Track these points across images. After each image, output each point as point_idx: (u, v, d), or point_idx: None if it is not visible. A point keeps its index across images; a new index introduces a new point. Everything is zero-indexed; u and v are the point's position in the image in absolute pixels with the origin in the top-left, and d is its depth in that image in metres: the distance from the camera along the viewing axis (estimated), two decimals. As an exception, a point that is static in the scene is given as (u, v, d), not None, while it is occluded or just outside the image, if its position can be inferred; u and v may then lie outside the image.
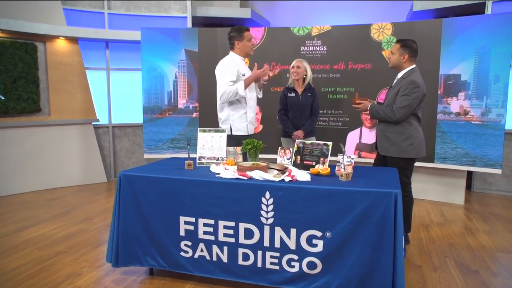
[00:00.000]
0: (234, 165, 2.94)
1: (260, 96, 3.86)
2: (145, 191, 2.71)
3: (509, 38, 4.18)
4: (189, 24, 6.03)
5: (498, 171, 4.33)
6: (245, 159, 3.11)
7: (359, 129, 4.98)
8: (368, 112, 3.43)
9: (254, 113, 3.77)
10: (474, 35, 4.35)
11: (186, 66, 5.25)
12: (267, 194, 2.47)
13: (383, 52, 4.78)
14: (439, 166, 4.61)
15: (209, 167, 2.95)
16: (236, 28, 3.61)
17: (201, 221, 2.62)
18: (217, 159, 3.03)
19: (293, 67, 4.20)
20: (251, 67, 3.77)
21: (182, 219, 2.65)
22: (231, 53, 3.66)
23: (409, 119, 3.25)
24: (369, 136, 4.94)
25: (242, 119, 3.62)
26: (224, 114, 3.65)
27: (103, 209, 4.62)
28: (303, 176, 2.59)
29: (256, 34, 5.16)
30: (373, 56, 4.82)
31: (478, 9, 5.27)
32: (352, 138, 5.02)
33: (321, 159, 2.78)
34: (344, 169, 2.59)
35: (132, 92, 6.23)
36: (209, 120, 5.22)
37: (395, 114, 3.19)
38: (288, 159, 2.99)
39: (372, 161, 4.49)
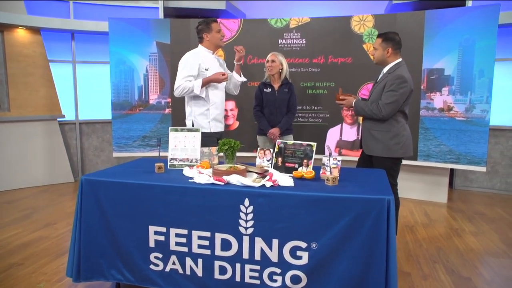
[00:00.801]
0: (209, 168, 2.69)
1: (242, 79, 3.64)
2: (110, 198, 2.42)
3: (493, 31, 4.06)
4: (160, 15, 5.70)
5: (483, 168, 4.22)
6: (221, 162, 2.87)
7: (339, 125, 4.79)
8: (352, 108, 3.23)
9: (221, 111, 3.57)
10: (458, 28, 4.21)
11: (157, 59, 4.93)
12: (246, 201, 2.23)
13: (364, 46, 4.60)
14: (422, 164, 4.48)
15: (182, 170, 2.69)
16: (203, 21, 3.46)
17: (173, 231, 2.35)
18: (191, 161, 2.76)
19: (267, 61, 3.97)
20: (227, 60, 3.55)
21: (152, 228, 2.38)
22: (199, 46, 3.50)
23: (395, 116, 3.07)
24: (350, 133, 4.76)
25: (204, 115, 3.45)
26: (188, 109, 3.52)
27: (68, 212, 4.29)
28: (285, 180, 2.35)
29: (232, 26, 4.89)
30: (354, 49, 4.63)
31: (458, 2, 5.16)
32: (333, 135, 4.83)
33: (305, 161, 2.56)
34: (331, 172, 2.38)
35: (100, 86, 5.86)
36: (183, 116, 4.89)
37: (381, 111, 3.00)
38: (268, 160, 2.75)
39: (353, 159, 4.33)
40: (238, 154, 3.02)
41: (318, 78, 4.78)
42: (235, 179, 2.32)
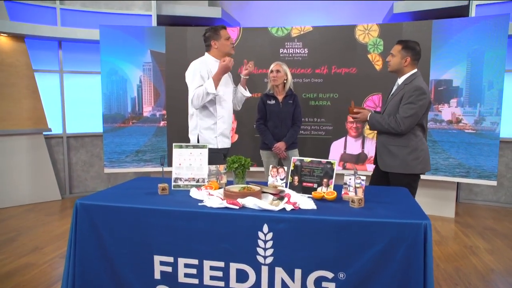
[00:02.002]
0: (218, 188, 2.44)
1: (248, 95, 3.41)
2: (108, 224, 2.16)
3: (502, 41, 3.94)
4: (154, 23, 5.47)
5: (493, 183, 4.07)
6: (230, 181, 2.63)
7: (343, 138, 4.60)
8: (365, 122, 3.04)
9: (229, 125, 3.33)
10: (466, 38, 4.08)
11: (152, 69, 4.68)
12: (265, 228, 1.99)
13: (369, 56, 4.43)
14: (431, 178, 4.31)
15: (188, 191, 2.44)
16: (211, 28, 3.25)
17: (182, 261, 2.09)
18: (197, 181, 2.51)
19: (271, 71, 3.77)
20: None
21: (157, 258, 2.12)
22: (206, 54, 3.28)
23: (414, 130, 2.88)
24: (354, 146, 4.57)
25: (211, 130, 3.20)
26: (192, 122, 3.26)
27: (57, 234, 3.97)
28: (306, 203, 2.13)
29: (230, 34, 4.66)
30: (358, 59, 4.46)
31: (461, 12, 5.06)
32: (336, 149, 4.63)
33: (325, 180, 2.34)
34: (356, 192, 2.16)
35: (90, 98, 5.58)
36: (179, 129, 4.68)
37: (399, 125, 2.80)
38: (282, 179, 2.52)
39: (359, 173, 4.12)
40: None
41: (321, 89, 4.59)
42: (251, 202, 2.09)
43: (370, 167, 4.48)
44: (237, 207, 2.07)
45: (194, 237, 2.07)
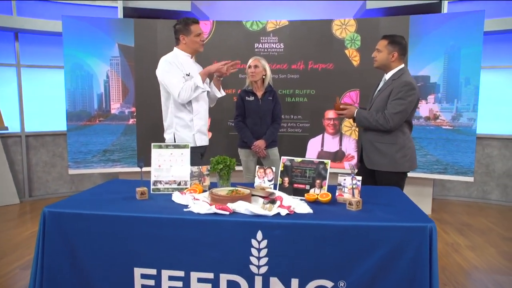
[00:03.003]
0: (202, 191, 2.26)
1: (220, 95, 3.22)
2: (82, 235, 1.92)
3: (478, 38, 3.96)
4: (120, 15, 5.15)
5: (470, 179, 4.10)
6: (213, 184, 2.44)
7: (321, 136, 4.51)
8: (351, 119, 2.94)
9: (205, 121, 3.15)
10: (443, 34, 4.08)
11: (120, 63, 4.39)
12: (259, 235, 1.83)
13: (346, 51, 4.35)
14: (408, 175, 4.26)
15: (169, 195, 2.24)
16: (182, 20, 3.02)
17: (166, 273, 1.90)
18: (179, 184, 2.31)
19: (249, 66, 3.60)
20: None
21: (138, 271, 1.91)
22: (175, 49, 3.07)
23: (401, 127, 2.80)
24: (332, 143, 4.49)
25: (188, 127, 3.01)
26: (167, 121, 3.06)
27: (17, 242, 3.64)
28: (301, 207, 1.98)
29: (203, 28, 4.46)
30: (335, 55, 4.37)
31: (434, 9, 5.08)
32: (313, 146, 4.53)
33: (317, 181, 2.20)
34: (353, 194, 2.04)
35: (51, 94, 5.20)
36: (149, 127, 4.43)
37: (388, 122, 2.71)
38: (269, 181, 2.37)
39: (336, 171, 4.04)
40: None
41: (298, 85, 4.47)
42: (243, 207, 1.92)
43: (347, 165, 4.41)
44: (228, 213, 1.90)
45: (180, 246, 1.88)
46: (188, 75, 2.94)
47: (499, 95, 4.90)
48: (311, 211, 1.95)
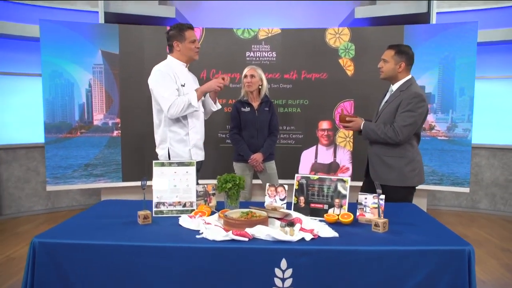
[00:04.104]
0: (210, 213, 2.06)
1: (216, 108, 3.04)
2: (79, 268, 1.69)
3: (472, 48, 3.94)
4: (100, 20, 4.89)
5: (466, 189, 4.05)
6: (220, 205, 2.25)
7: (314, 147, 4.37)
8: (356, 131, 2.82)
9: (202, 135, 2.96)
10: (437, 44, 4.03)
11: (103, 72, 4.12)
12: (283, 263, 1.65)
13: (340, 60, 4.24)
14: (404, 186, 4.20)
15: (174, 218, 2.03)
16: (176, 26, 2.84)
17: (177, 309, 1.69)
18: (184, 205, 2.11)
19: (245, 76, 3.44)
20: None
21: (145, 307, 1.69)
22: (168, 57, 2.88)
23: (410, 140, 2.70)
24: (326, 155, 4.35)
25: (183, 142, 2.80)
26: (160, 135, 2.83)
27: (-10, 268, 3.31)
28: (325, 229, 1.82)
29: (192, 35, 4.26)
30: (329, 64, 4.25)
31: (422, 19, 5.07)
32: (307, 158, 4.39)
33: (337, 200, 2.04)
34: (379, 215, 1.89)
35: (27, 103, 4.85)
36: (135, 140, 4.17)
37: (397, 135, 2.60)
38: (282, 199, 2.19)
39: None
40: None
41: (291, 95, 4.32)
42: (263, 233, 1.74)
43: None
44: (246, 239, 1.71)
45: (193, 279, 1.68)
46: (183, 86, 2.75)
47: (485, 105, 4.92)
48: (336, 234, 1.79)
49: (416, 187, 2.78)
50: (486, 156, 5.08)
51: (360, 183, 3.00)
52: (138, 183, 4.26)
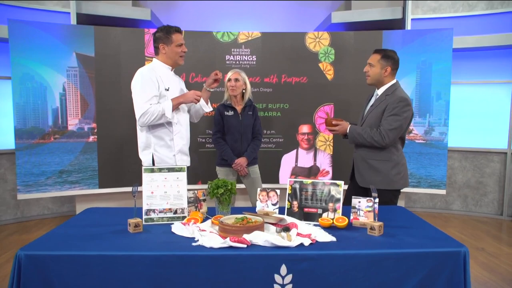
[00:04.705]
0: (202, 220, 2.01)
1: (208, 110, 3.00)
2: (71, 282, 1.60)
3: (448, 54, 4.06)
4: (72, 22, 4.72)
5: (443, 191, 4.16)
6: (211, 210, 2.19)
7: (294, 151, 4.38)
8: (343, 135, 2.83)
9: (187, 140, 2.89)
10: (415, 50, 4.14)
11: (78, 75, 3.98)
12: (283, 269, 1.62)
13: (320, 65, 4.27)
14: (383, 189, 4.26)
15: (165, 225, 1.96)
16: (163, 28, 2.78)
17: (174, 320, 1.63)
18: (175, 212, 2.04)
19: (229, 80, 3.40)
20: None
21: (139, 320, 1.62)
22: (154, 60, 2.82)
23: (395, 143, 2.73)
24: (306, 159, 4.37)
25: (168, 147, 2.74)
26: (143, 140, 2.74)
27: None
28: (322, 234, 1.81)
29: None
30: (309, 68, 4.28)
31: (397, 25, 5.19)
32: (287, 162, 4.39)
33: (330, 204, 2.03)
34: (375, 218, 1.89)
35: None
36: (112, 145, 4.05)
37: (384, 138, 2.62)
38: (274, 204, 2.16)
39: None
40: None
41: (271, 99, 4.32)
42: (261, 239, 1.70)
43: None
44: (245, 246, 1.67)
45: (191, 287, 1.61)
46: (167, 90, 2.68)
47: (457, 109, 5.08)
48: (334, 239, 1.78)
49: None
50: (459, 159, 5.23)
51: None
52: (116, 190, 4.22)
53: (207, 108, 2.96)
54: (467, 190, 5.27)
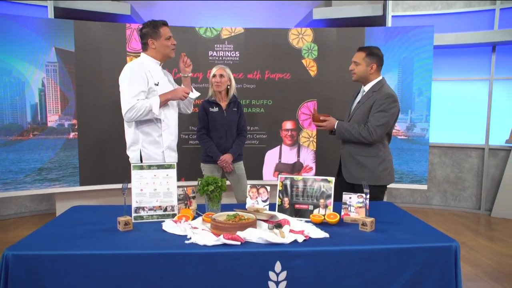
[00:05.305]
0: (192, 218, 1.98)
1: (195, 96, 2.95)
2: (61, 282, 1.56)
3: (429, 51, 4.13)
4: (50, 16, 4.58)
5: (424, 187, 4.24)
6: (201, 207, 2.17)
7: (278, 147, 4.38)
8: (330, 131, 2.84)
9: (175, 136, 2.84)
10: (397, 47, 4.19)
11: (58, 70, 3.87)
12: (277, 266, 1.62)
13: (304, 61, 4.28)
14: (366, 184, 4.32)
15: (155, 223, 1.93)
16: (149, 23, 2.72)
17: (167, 320, 1.60)
18: (165, 210, 2.01)
19: (214, 76, 3.36)
20: None
21: (132, 320, 1.59)
22: (142, 55, 2.75)
23: (382, 140, 2.76)
24: (289, 155, 4.38)
25: (156, 144, 2.68)
26: (130, 136, 2.68)
27: None
28: (315, 230, 1.81)
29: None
30: (292, 64, 4.28)
31: (378, 22, 5.24)
32: (271, 158, 4.39)
33: (322, 200, 2.04)
34: (367, 213, 1.91)
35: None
36: (93, 142, 3.96)
37: (371, 134, 2.65)
38: (264, 201, 2.16)
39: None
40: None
41: (254, 96, 4.30)
42: (255, 236, 1.69)
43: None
44: (239, 243, 1.66)
45: (186, 286, 1.60)
46: (157, 85, 2.63)
47: (437, 105, 5.18)
48: (327, 235, 1.78)
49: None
50: (438, 154, 5.35)
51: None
52: (97, 187, 4.13)
53: (194, 94, 2.91)
54: (446, 185, 5.39)
